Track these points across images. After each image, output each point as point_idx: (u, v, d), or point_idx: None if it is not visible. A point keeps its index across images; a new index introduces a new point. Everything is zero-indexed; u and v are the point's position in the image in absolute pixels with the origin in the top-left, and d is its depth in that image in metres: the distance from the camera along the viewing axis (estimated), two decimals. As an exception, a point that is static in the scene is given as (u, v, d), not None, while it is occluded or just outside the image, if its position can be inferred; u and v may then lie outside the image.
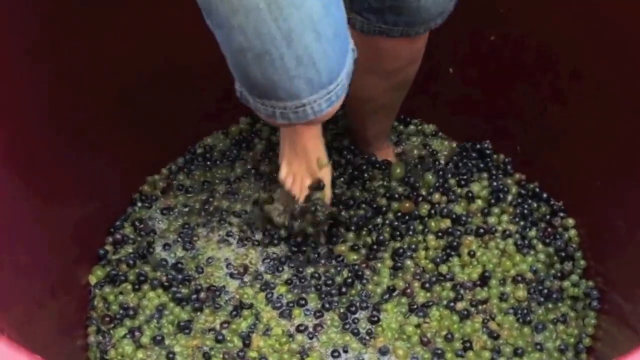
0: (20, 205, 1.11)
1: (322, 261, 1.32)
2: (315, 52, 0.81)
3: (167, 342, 1.24)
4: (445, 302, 1.26)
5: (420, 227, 1.35)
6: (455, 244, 1.32)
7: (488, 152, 1.45)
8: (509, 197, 1.38)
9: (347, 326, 1.25)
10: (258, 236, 1.36)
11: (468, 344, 1.22)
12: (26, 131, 1.11)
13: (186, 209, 1.40)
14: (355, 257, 1.32)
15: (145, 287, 1.30)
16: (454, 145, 1.48)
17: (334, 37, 0.83)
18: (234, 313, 1.27)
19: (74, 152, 1.22)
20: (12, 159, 1.07)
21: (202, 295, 1.29)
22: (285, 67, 0.82)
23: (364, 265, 1.31)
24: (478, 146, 1.46)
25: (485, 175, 1.42)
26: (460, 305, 1.26)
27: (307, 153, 1.19)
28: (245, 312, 1.26)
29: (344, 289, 1.28)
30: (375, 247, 1.33)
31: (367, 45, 1.06)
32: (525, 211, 1.37)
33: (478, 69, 1.39)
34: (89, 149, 1.25)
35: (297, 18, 0.78)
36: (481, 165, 1.44)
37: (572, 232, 1.33)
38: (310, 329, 1.25)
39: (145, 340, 1.23)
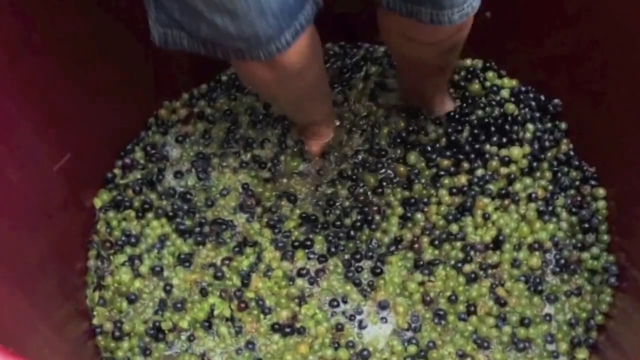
0: (23, 122, 1.07)
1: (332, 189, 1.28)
2: None
3: (165, 273, 1.22)
4: (452, 262, 1.21)
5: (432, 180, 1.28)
6: (468, 204, 1.24)
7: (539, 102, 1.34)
8: (545, 164, 1.28)
9: (350, 274, 1.21)
10: (281, 167, 1.31)
11: (472, 308, 1.17)
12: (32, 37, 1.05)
13: (204, 139, 1.35)
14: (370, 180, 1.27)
15: (150, 215, 1.27)
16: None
17: None
18: (237, 249, 1.24)
19: (88, 66, 1.16)
20: (12, 70, 1.02)
21: (206, 228, 1.26)
22: None
23: (375, 208, 1.25)
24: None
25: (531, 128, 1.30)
26: (468, 267, 1.20)
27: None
28: (248, 250, 1.23)
29: (352, 232, 1.24)
30: (384, 184, 1.27)
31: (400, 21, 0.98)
32: (558, 176, 1.27)
33: (514, 13, 1.28)
34: (104, 64, 1.16)
35: None
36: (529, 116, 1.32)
37: (601, 203, 1.24)
38: (312, 274, 1.21)
39: (143, 269, 1.22)
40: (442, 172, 1.27)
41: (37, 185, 1.12)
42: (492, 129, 1.30)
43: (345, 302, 1.19)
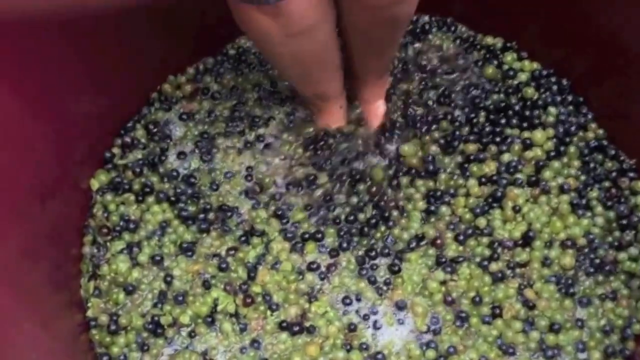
0: (11, 95, 0.97)
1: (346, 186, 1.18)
2: None
3: (166, 263, 1.13)
4: (478, 260, 1.11)
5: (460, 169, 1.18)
6: (499, 194, 1.14)
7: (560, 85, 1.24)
8: (572, 148, 1.18)
9: (364, 272, 1.11)
10: (286, 147, 1.22)
11: (497, 311, 1.08)
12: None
13: (209, 117, 1.25)
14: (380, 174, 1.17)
15: (150, 199, 1.18)
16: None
17: None
18: (243, 239, 1.14)
19: (86, 35, 1.05)
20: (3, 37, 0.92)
21: (211, 215, 1.16)
22: None
23: (391, 204, 1.15)
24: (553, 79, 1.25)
25: (553, 111, 1.21)
26: (495, 266, 1.10)
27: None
28: (255, 240, 1.14)
29: (365, 229, 1.14)
30: (398, 175, 1.17)
31: None
32: (591, 165, 1.17)
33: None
34: (103, 33, 1.07)
35: None
36: (550, 100, 1.23)
37: (641, 197, 1.14)
38: (323, 269, 1.12)
39: (142, 258, 1.13)
40: (470, 158, 1.17)
41: (27, 165, 1.02)
42: (510, 112, 1.21)
43: (359, 300, 1.10)
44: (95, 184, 1.18)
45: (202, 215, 1.16)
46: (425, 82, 1.25)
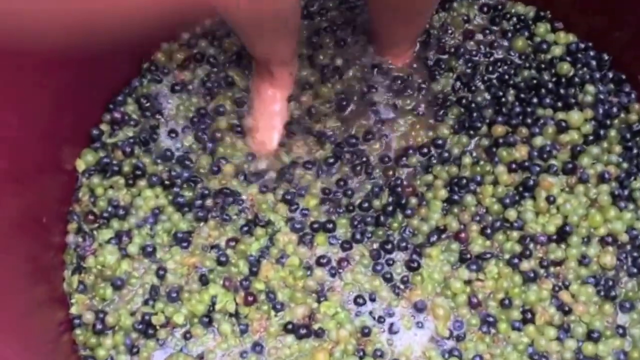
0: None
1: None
2: None
3: (158, 254, 1.02)
4: (507, 257, 0.99)
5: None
6: (531, 182, 1.02)
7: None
8: (612, 132, 1.06)
9: (379, 267, 1.00)
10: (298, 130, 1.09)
11: (529, 315, 0.96)
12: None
13: (205, 88, 1.12)
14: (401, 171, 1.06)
15: (142, 183, 1.06)
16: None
17: None
18: (245, 229, 1.03)
19: None
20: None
21: (209, 202, 1.05)
22: None
23: (409, 189, 1.03)
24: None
25: (591, 89, 1.08)
26: (526, 264, 0.98)
27: None
28: (259, 231, 1.02)
29: (382, 218, 1.02)
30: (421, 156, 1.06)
31: None
32: (634, 151, 1.05)
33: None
34: None
35: None
36: (588, 77, 1.10)
37: (692, 190, 1.02)
38: (334, 264, 1.01)
39: (133, 249, 1.01)
40: (499, 142, 1.05)
41: (4, 143, 0.90)
42: (543, 91, 1.09)
43: (373, 300, 0.99)
44: (81, 165, 1.06)
45: (199, 202, 1.05)
46: (448, 55, 1.12)
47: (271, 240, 1.02)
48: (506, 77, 1.11)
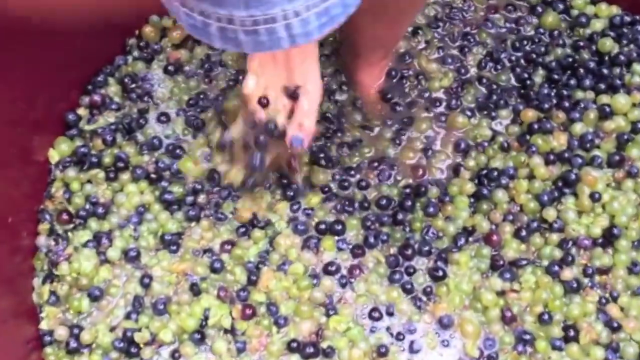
0: None
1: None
2: None
3: (143, 260, 0.89)
4: (546, 264, 0.86)
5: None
6: (572, 177, 0.88)
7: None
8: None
9: (397, 277, 0.86)
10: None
11: (572, 332, 0.83)
12: None
13: (202, 69, 0.99)
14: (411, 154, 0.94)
15: (125, 176, 0.92)
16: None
17: None
18: (242, 230, 0.89)
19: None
20: None
21: (202, 198, 0.91)
22: None
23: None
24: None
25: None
26: (568, 273, 0.85)
27: (290, 58, 0.75)
28: (257, 233, 0.89)
29: (399, 216, 0.89)
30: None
31: None
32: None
33: None
34: None
35: None
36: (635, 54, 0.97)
37: None
38: (344, 272, 0.87)
39: (113, 254, 0.88)
40: (533, 128, 0.92)
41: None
42: (582, 71, 0.96)
43: (391, 314, 0.85)
44: (54, 156, 0.94)
45: (190, 198, 0.91)
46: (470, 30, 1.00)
47: (271, 243, 0.88)
48: (533, 56, 0.98)
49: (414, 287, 0.86)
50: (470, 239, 0.88)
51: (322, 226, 0.89)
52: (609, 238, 0.87)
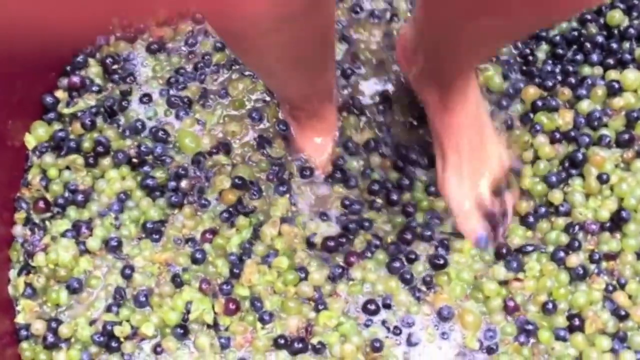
0: None
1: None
2: None
3: (125, 250, 0.84)
4: (552, 250, 0.81)
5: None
6: (579, 157, 0.83)
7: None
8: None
9: (396, 265, 0.81)
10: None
11: (577, 322, 0.78)
12: None
13: (186, 45, 0.93)
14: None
15: (105, 162, 0.88)
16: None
17: None
18: (225, 216, 0.84)
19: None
20: None
21: (185, 183, 0.86)
22: None
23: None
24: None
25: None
26: (574, 259, 0.80)
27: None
28: (242, 221, 0.84)
29: (393, 196, 0.83)
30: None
31: None
32: None
33: None
34: None
35: None
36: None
37: None
38: (340, 261, 0.82)
39: (93, 243, 0.84)
40: (537, 105, 0.86)
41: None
42: (588, 45, 0.90)
43: (387, 306, 0.80)
44: (30, 141, 0.89)
45: (173, 183, 0.86)
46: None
47: (256, 233, 0.83)
48: (537, 30, 0.92)
49: (413, 277, 0.81)
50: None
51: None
52: (617, 222, 0.82)
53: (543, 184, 0.83)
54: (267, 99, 0.90)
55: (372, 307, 0.80)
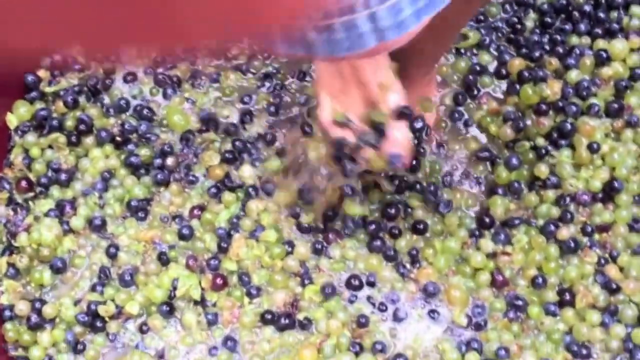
0: None
1: None
2: None
3: (109, 228, 0.83)
4: (541, 222, 0.79)
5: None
6: (568, 127, 0.81)
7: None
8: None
9: (378, 242, 0.80)
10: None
11: (567, 296, 0.77)
12: None
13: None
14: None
15: (88, 140, 0.87)
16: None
17: None
18: (213, 192, 0.83)
19: None
20: None
21: (170, 160, 0.85)
22: None
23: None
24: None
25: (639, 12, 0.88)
26: (565, 232, 0.79)
27: (359, 71, 0.65)
28: (228, 197, 0.83)
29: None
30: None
31: None
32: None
33: None
34: None
35: None
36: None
37: None
38: (320, 237, 0.81)
39: (77, 223, 0.83)
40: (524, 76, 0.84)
41: None
42: (576, 14, 0.89)
43: (371, 283, 0.79)
44: (12, 121, 0.88)
45: (159, 161, 0.85)
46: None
47: (244, 208, 0.82)
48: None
49: (398, 254, 0.80)
50: (458, 196, 0.81)
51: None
52: (609, 192, 0.80)
53: (532, 153, 0.81)
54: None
55: (356, 282, 0.78)
